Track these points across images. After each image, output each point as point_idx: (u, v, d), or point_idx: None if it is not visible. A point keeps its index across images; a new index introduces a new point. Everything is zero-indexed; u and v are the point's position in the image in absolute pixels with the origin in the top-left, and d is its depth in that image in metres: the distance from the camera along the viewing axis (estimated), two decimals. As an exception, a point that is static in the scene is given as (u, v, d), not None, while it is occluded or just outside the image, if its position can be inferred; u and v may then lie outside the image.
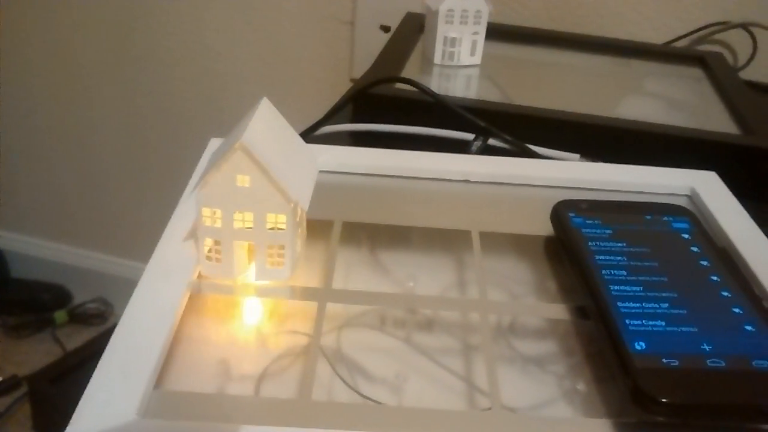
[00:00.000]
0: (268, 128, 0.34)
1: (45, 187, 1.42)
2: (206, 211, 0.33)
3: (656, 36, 0.90)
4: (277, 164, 0.33)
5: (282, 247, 0.34)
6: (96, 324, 1.46)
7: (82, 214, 1.44)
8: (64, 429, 0.27)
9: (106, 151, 1.34)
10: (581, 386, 0.32)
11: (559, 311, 0.35)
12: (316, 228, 0.40)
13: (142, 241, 1.41)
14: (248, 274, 0.35)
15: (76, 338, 1.41)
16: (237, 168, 0.32)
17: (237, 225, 0.34)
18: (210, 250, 0.35)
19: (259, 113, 0.34)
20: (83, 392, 0.28)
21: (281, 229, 0.34)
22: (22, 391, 1.26)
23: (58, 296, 1.48)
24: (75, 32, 1.22)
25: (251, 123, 0.33)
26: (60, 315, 1.44)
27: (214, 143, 0.45)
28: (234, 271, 0.35)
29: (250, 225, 0.34)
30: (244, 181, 0.32)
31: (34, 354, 1.35)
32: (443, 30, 0.67)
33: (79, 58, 1.25)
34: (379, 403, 0.31)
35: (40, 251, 1.50)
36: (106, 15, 1.19)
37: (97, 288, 1.46)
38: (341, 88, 1.08)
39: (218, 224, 0.34)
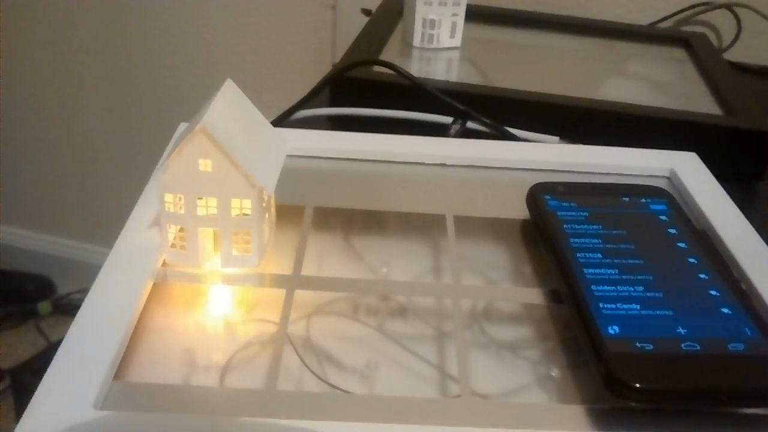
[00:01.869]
0: (231, 111, 0.33)
1: (28, 177, 1.40)
2: (169, 197, 0.32)
3: (642, 17, 0.89)
4: (240, 148, 0.32)
5: (248, 234, 0.33)
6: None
7: (65, 203, 1.42)
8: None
9: (90, 140, 1.32)
10: (555, 372, 0.31)
11: (533, 295, 0.35)
12: (288, 213, 0.39)
13: (126, 231, 1.40)
14: (214, 261, 0.34)
15: (60, 329, 1.39)
16: (198, 152, 0.31)
17: (201, 211, 0.33)
18: (174, 237, 0.34)
19: (222, 95, 0.33)
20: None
21: (247, 214, 0.33)
22: (5, 384, 1.25)
23: (42, 287, 1.46)
24: (61, 22, 1.21)
25: (213, 105, 0.32)
26: (44, 306, 1.43)
27: (183, 127, 0.44)
28: (199, 259, 0.34)
29: (215, 211, 0.33)
30: (206, 165, 0.31)
31: (18, 345, 1.34)
32: (422, 12, 0.66)
33: (64, 46, 1.23)
34: (347, 392, 0.30)
35: (24, 242, 1.48)
36: (92, 4, 1.17)
37: (82, 278, 1.44)
38: (324, 72, 1.07)
39: (182, 210, 0.33)
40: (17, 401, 1.18)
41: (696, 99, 0.62)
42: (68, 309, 1.45)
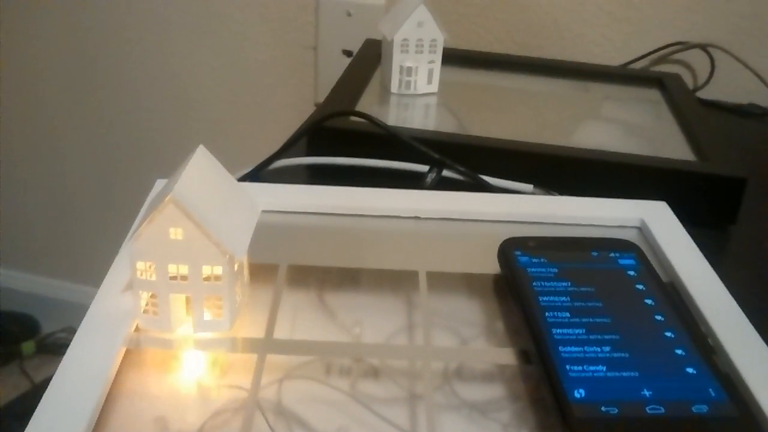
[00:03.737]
0: (202, 178, 0.34)
1: (11, 216, 1.40)
2: (140, 265, 0.33)
3: (618, 56, 0.91)
4: (211, 215, 0.32)
5: (220, 298, 0.34)
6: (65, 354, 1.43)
7: (49, 242, 1.42)
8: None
9: (73, 180, 1.32)
10: (524, 435, 0.32)
11: (504, 356, 0.35)
12: (262, 272, 0.40)
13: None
14: (187, 326, 0.35)
15: (45, 370, 1.38)
16: (169, 221, 0.32)
17: (172, 277, 0.33)
18: (147, 303, 0.34)
19: (194, 162, 0.34)
20: None
21: (218, 278, 0.33)
22: (-12, 427, 1.23)
23: (26, 326, 1.45)
24: (39, 63, 1.21)
25: (184, 173, 0.33)
26: (28, 346, 1.41)
27: (160, 185, 0.45)
28: (171, 324, 0.34)
29: (186, 274, 0.33)
30: (177, 234, 0.32)
31: (1, 388, 1.32)
32: (399, 59, 0.67)
33: (44, 88, 1.24)
34: (317, 460, 0.30)
35: (6, 281, 1.47)
36: (72, 45, 1.18)
37: (66, 317, 1.44)
38: (306, 113, 1.08)
39: (153, 277, 0.33)
40: (0, 446, 1.16)
41: (670, 143, 0.63)
42: (52, 348, 1.43)
